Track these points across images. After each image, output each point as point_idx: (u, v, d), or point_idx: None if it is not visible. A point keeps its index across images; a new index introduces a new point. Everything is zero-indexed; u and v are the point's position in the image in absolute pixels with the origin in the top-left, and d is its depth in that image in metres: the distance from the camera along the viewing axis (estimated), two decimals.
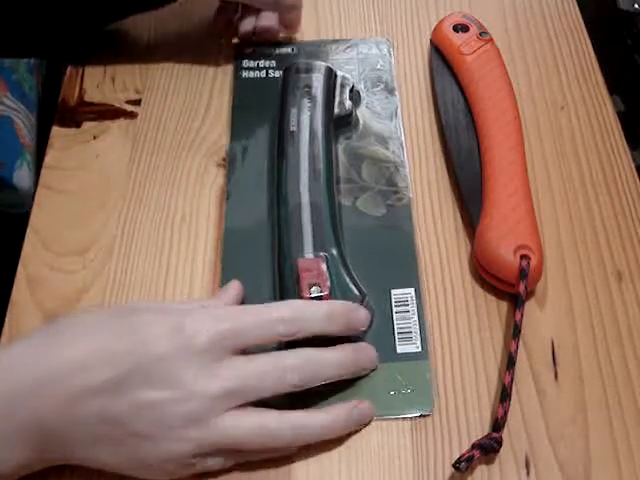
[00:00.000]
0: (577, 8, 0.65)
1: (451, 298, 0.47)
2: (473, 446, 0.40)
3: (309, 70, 0.57)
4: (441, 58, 0.58)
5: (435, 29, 0.59)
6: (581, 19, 0.64)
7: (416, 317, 0.46)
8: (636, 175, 0.54)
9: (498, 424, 0.41)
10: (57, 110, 0.58)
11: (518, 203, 0.48)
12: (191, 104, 0.57)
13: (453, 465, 0.40)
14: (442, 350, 0.45)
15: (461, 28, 0.58)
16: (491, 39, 0.57)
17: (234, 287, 0.46)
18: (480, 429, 0.42)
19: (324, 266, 0.46)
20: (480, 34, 0.57)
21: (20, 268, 0.48)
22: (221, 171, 0.53)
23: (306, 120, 0.54)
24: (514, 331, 0.44)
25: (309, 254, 0.47)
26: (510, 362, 0.43)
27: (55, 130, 0.56)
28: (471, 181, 0.51)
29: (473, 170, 0.51)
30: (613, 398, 0.44)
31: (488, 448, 0.40)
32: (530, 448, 0.42)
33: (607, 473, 0.41)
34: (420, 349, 0.45)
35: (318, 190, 0.50)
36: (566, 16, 0.64)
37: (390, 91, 0.59)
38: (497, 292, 0.47)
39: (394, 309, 0.47)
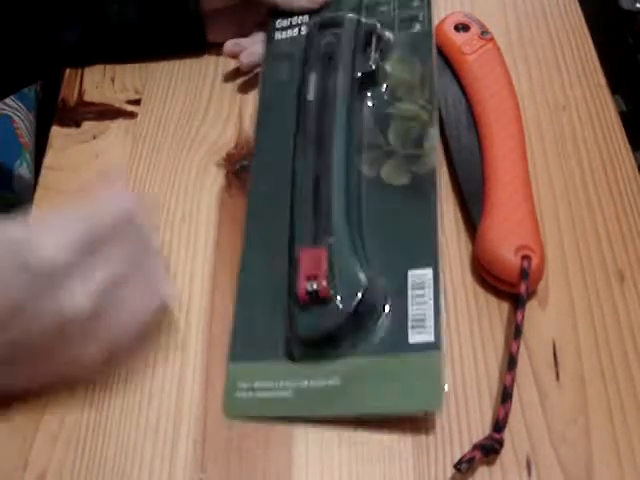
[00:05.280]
0: (579, 7, 0.65)
1: (452, 298, 0.47)
2: (474, 447, 0.40)
3: (335, 24, 0.52)
4: (442, 58, 0.58)
5: (436, 29, 0.59)
6: (583, 18, 0.64)
7: (432, 302, 0.43)
8: (638, 175, 0.53)
9: (499, 425, 0.41)
10: (56, 110, 0.57)
11: (519, 203, 0.48)
12: (191, 104, 0.57)
13: (454, 466, 0.39)
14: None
15: (462, 27, 0.58)
16: (492, 39, 0.57)
17: None
18: (481, 430, 0.42)
19: (325, 257, 0.43)
20: (481, 34, 0.57)
21: None
22: (221, 171, 0.53)
23: (325, 85, 0.49)
24: (515, 332, 0.44)
25: (309, 242, 0.44)
26: (511, 363, 0.43)
27: (55, 130, 0.56)
28: (472, 181, 0.51)
29: (474, 170, 0.51)
30: (615, 399, 0.43)
31: (489, 449, 0.40)
32: (531, 449, 0.41)
33: (609, 474, 0.41)
34: (433, 339, 0.42)
35: (327, 168, 0.46)
36: (567, 15, 0.64)
37: (426, 32, 0.55)
38: (498, 292, 0.47)
39: (409, 292, 0.44)
